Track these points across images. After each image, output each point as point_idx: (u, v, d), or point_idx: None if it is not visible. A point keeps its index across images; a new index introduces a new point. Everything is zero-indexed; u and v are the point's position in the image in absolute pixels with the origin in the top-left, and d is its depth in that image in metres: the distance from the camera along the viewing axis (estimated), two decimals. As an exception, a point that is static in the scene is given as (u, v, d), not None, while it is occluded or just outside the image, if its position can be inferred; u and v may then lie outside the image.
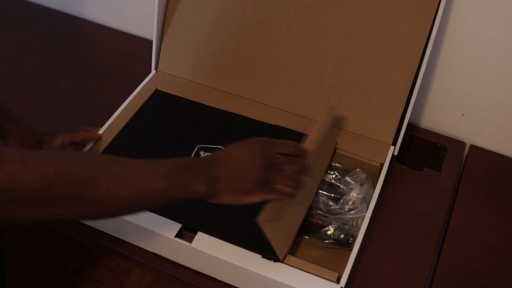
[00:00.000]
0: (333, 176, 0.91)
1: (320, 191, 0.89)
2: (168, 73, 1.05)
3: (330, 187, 0.90)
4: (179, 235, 0.80)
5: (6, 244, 1.46)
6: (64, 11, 1.31)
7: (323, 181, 0.89)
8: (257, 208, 0.80)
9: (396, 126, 0.93)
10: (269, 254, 0.77)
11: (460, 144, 1.05)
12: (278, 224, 0.76)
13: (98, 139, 0.92)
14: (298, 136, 0.87)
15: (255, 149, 0.70)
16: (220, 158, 0.70)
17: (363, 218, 0.84)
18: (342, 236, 0.83)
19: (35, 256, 1.43)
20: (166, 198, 0.66)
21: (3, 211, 0.55)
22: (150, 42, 1.04)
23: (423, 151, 1.04)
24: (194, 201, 0.86)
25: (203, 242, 0.79)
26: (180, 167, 0.67)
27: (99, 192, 0.60)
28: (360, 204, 0.86)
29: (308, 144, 0.79)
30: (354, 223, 0.85)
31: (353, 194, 0.87)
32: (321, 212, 0.87)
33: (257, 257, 0.78)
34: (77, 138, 0.90)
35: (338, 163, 0.93)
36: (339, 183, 0.90)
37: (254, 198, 0.70)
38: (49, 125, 0.89)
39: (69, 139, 0.88)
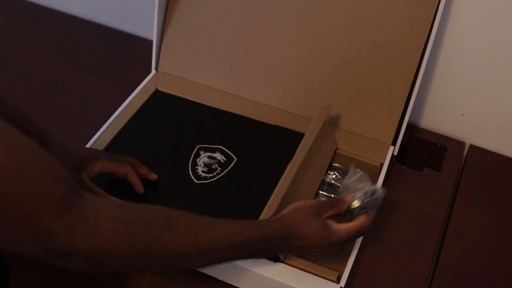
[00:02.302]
0: (333, 176, 0.91)
1: (320, 191, 0.88)
2: (168, 73, 1.05)
3: (330, 187, 0.90)
4: (179, 235, 0.80)
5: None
6: (64, 11, 1.31)
7: (323, 181, 0.89)
8: (257, 208, 0.80)
9: (396, 126, 0.93)
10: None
11: (460, 144, 1.05)
12: None
13: (140, 189, 0.84)
14: (298, 136, 0.87)
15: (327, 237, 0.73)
16: (297, 233, 0.71)
17: (363, 218, 0.84)
18: (342, 236, 0.83)
19: (35, 256, 1.43)
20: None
21: (90, 267, 0.56)
22: (150, 42, 1.04)
23: (423, 151, 1.04)
24: (194, 200, 0.86)
25: (203, 242, 0.78)
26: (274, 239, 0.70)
27: (181, 262, 0.63)
28: (360, 204, 0.86)
29: (304, 143, 0.83)
30: (354, 223, 0.85)
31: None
32: (321, 212, 0.86)
33: (257, 257, 0.78)
34: (119, 171, 0.83)
35: (338, 163, 0.93)
36: (339, 183, 0.90)
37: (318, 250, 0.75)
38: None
39: (109, 169, 0.82)
